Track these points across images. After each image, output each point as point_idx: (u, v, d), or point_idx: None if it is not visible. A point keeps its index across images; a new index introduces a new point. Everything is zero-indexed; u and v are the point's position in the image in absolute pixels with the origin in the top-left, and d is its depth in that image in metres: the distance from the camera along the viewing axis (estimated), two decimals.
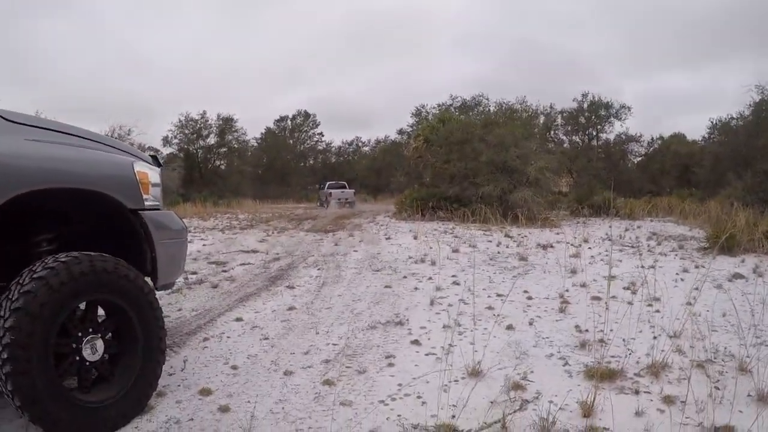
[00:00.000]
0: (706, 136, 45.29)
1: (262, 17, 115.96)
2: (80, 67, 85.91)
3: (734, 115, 38.97)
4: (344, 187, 36.31)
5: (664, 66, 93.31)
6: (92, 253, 3.40)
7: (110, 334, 3.56)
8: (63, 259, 3.21)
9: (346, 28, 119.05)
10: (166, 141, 50.41)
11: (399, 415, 3.66)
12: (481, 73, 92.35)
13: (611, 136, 45.59)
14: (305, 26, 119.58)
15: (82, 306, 3.46)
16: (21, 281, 3.07)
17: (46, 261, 3.20)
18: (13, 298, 2.98)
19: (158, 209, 4.23)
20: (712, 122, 44.41)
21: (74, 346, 3.29)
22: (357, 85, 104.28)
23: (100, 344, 3.40)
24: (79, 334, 3.32)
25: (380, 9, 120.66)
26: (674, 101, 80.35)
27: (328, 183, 37.87)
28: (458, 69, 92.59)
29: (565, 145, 42.89)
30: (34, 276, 3.07)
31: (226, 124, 52.88)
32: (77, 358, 3.30)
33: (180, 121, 51.15)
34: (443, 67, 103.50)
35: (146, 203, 4.03)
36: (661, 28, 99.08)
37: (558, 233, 14.05)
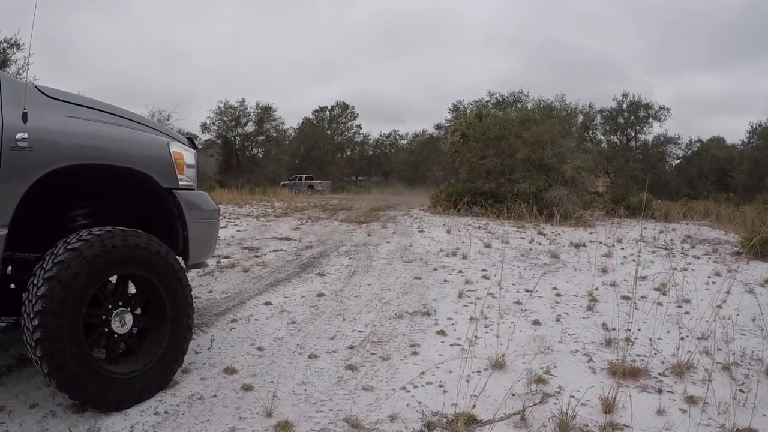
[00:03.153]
0: (745, 140, 44.42)
1: (294, 15, 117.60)
2: (120, 59, 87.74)
3: None
4: (312, 179, 47.51)
5: (694, 67, 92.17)
6: (126, 228, 3.47)
7: (139, 308, 3.65)
8: (97, 233, 3.29)
9: (377, 26, 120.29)
10: (204, 127, 50.99)
11: (419, 402, 3.67)
12: (511, 72, 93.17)
13: (650, 138, 44.86)
14: (337, 24, 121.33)
15: (113, 279, 3.54)
16: (55, 252, 3.16)
17: (80, 234, 3.28)
18: (47, 268, 3.07)
19: (192, 189, 4.31)
20: (751, 126, 43.55)
21: (104, 318, 3.38)
22: (388, 82, 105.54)
23: (129, 318, 3.49)
24: (110, 306, 3.41)
25: (409, 9, 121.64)
26: (704, 103, 79.25)
27: (305, 175, 47.96)
28: (488, 67, 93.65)
29: (603, 145, 42.16)
30: (68, 247, 3.15)
31: (265, 112, 53.20)
32: (106, 329, 3.39)
33: (219, 108, 51.66)
34: (473, 66, 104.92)
35: (180, 183, 4.11)
36: (689, 29, 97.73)
37: (592, 233, 13.86)
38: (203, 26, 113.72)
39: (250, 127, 53.43)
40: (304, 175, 48.78)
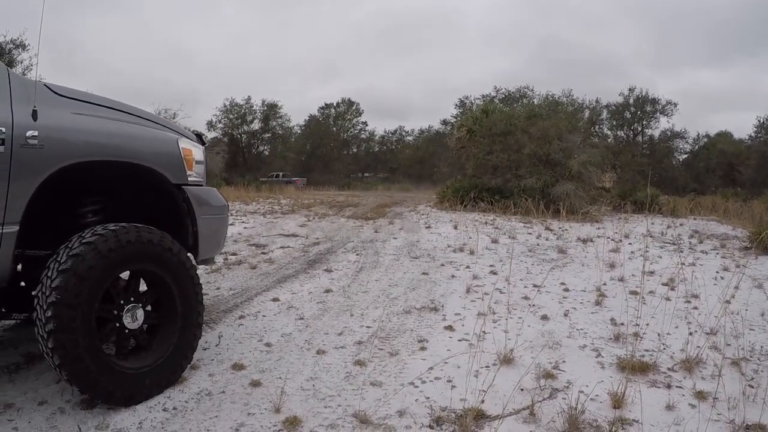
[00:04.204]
0: (753, 135, 44.28)
1: (295, 14, 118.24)
2: (125, 58, 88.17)
3: None
4: (288, 176, 49.33)
5: (697, 64, 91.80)
6: (139, 225, 3.49)
7: (150, 305, 3.66)
8: (112, 228, 3.32)
9: (378, 25, 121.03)
10: (210, 125, 51.24)
11: (428, 397, 3.68)
12: (512, 69, 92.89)
13: (656, 133, 44.73)
14: (338, 23, 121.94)
15: (126, 276, 3.56)
16: (70, 245, 3.18)
17: (95, 228, 3.30)
18: (61, 261, 3.09)
19: (201, 185, 4.32)
20: (759, 121, 43.41)
21: (116, 313, 3.40)
22: (391, 79, 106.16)
23: (140, 313, 3.51)
24: (122, 302, 3.43)
25: (409, 8, 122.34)
26: (709, 99, 78.95)
27: (282, 173, 50.20)
28: (490, 65, 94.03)
29: (609, 140, 42.04)
30: (84, 241, 3.18)
31: (271, 110, 53.33)
32: (117, 324, 3.41)
33: (225, 105, 51.79)
34: (475, 63, 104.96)
35: (189, 179, 4.11)
36: (691, 26, 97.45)
37: (599, 228, 13.84)
38: (205, 25, 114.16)
39: (256, 125, 53.62)
40: (281, 173, 50.91)
